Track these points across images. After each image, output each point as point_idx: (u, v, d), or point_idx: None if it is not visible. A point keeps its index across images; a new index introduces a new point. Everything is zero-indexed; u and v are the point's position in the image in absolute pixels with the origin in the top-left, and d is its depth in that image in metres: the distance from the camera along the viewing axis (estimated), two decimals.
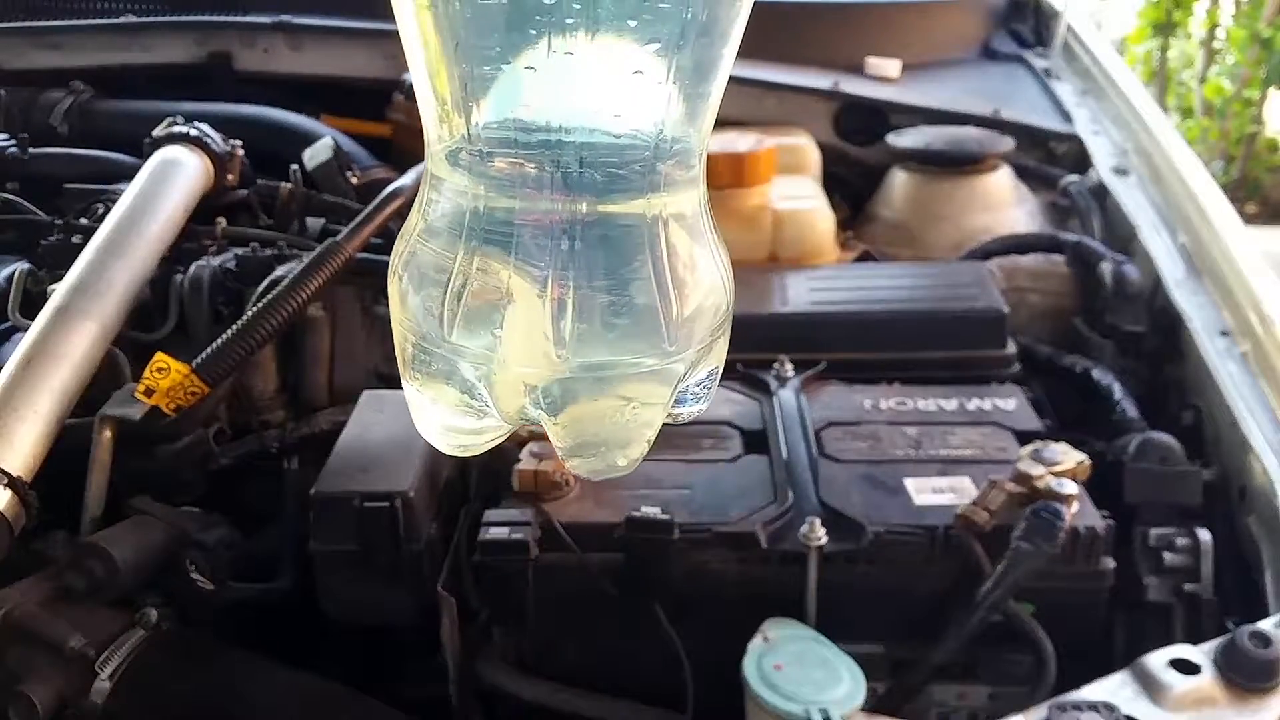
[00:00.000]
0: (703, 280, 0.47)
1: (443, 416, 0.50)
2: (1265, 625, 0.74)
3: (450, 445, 0.53)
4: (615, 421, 0.48)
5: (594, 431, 0.48)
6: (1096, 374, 1.23)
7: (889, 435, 1.04)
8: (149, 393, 0.96)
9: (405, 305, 0.48)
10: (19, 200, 1.35)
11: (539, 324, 0.44)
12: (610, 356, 0.46)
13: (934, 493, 0.94)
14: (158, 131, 1.29)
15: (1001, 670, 0.90)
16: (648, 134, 0.43)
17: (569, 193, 0.43)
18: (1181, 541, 0.99)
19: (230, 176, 1.32)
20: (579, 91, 0.41)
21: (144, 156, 1.27)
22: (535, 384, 0.46)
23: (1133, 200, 1.48)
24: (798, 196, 1.47)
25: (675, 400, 0.50)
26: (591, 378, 0.46)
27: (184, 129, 1.29)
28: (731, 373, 1.14)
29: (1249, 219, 3.86)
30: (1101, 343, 1.31)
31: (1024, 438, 1.02)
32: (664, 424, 0.50)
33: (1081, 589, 0.90)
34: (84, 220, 1.25)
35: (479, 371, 0.46)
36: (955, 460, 0.99)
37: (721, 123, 0.58)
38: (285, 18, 1.74)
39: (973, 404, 1.09)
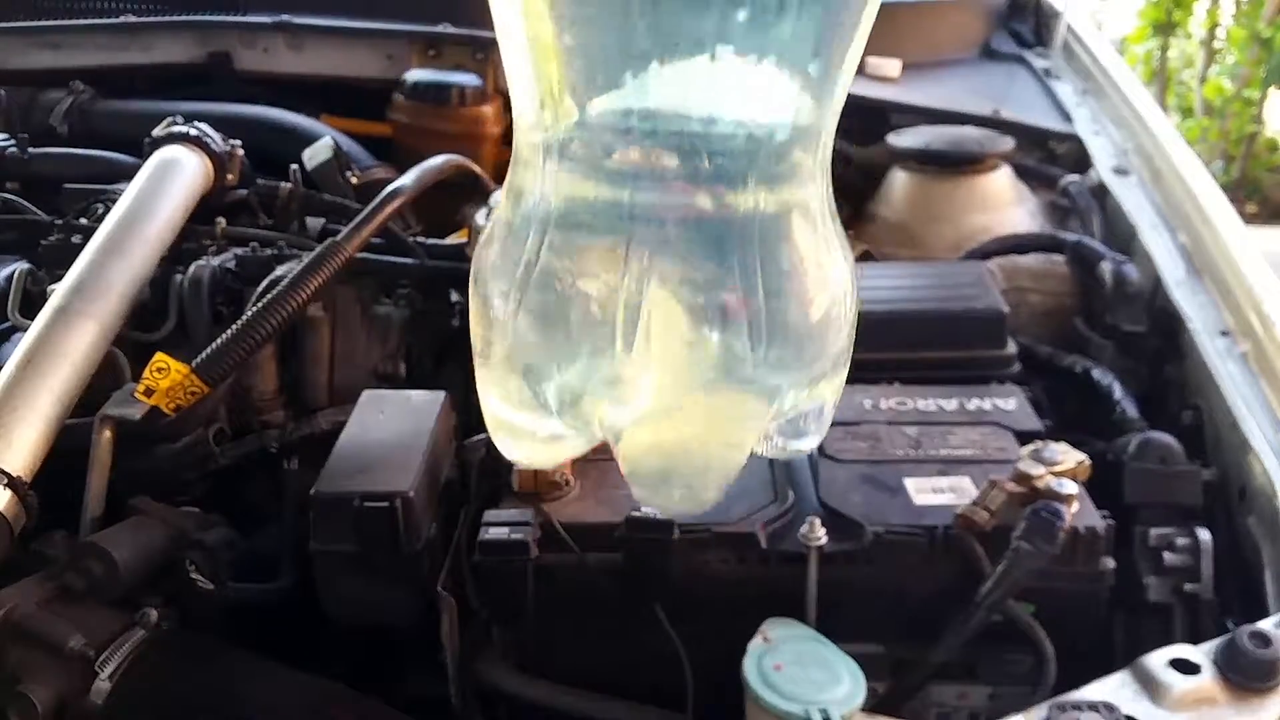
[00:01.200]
0: (821, 288, 0.42)
1: (501, 410, 0.48)
2: (1265, 625, 0.74)
3: (519, 454, 0.49)
4: (700, 447, 0.44)
5: (671, 461, 0.45)
6: (1096, 374, 1.23)
7: (889, 435, 1.04)
8: (149, 393, 0.96)
9: (484, 303, 0.44)
10: (19, 200, 1.35)
11: (628, 330, 0.41)
12: (706, 367, 0.42)
13: (934, 493, 0.94)
14: (157, 131, 1.29)
15: (1001, 670, 0.90)
16: (772, 124, 0.40)
17: (691, 184, 0.40)
18: (1181, 541, 0.99)
19: (230, 176, 1.32)
20: (705, 84, 0.39)
21: (144, 156, 1.26)
22: (615, 397, 0.43)
23: (1133, 200, 1.48)
24: None
25: (788, 428, 0.45)
26: (681, 390, 0.42)
27: (184, 129, 1.29)
28: None
29: (1249, 219, 3.86)
30: (1101, 343, 1.30)
31: (1024, 438, 1.02)
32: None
33: (1081, 589, 0.90)
34: (84, 220, 1.25)
35: (557, 380, 0.43)
36: (955, 460, 0.99)
37: None
38: (285, 18, 1.73)
39: (973, 404, 1.09)
